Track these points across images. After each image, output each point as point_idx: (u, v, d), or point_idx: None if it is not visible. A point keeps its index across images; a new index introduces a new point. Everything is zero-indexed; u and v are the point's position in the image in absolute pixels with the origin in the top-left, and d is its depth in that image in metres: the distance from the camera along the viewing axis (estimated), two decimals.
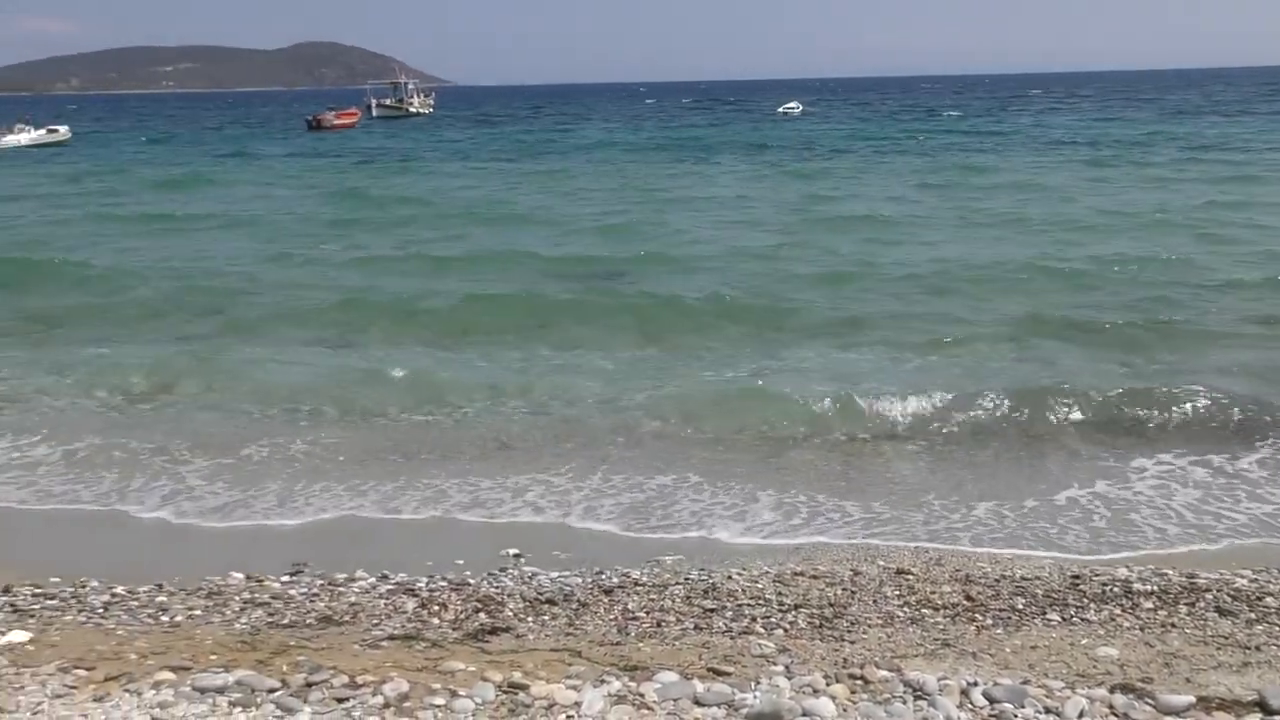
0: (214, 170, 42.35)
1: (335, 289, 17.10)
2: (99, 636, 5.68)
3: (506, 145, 55.66)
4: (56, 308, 16.13)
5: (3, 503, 8.52)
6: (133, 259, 20.49)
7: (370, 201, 29.91)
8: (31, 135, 63.78)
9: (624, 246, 20.84)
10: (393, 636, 5.71)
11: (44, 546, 7.63)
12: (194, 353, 12.90)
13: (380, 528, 8.05)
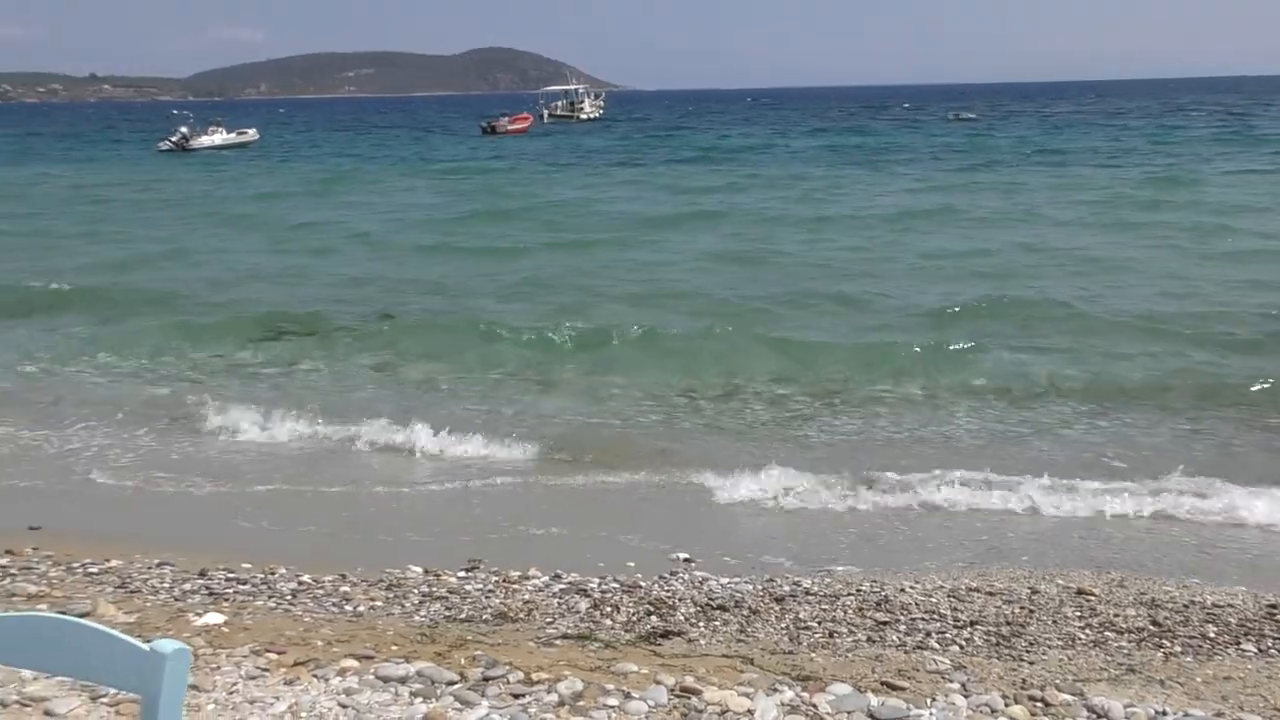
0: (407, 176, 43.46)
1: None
2: (288, 622, 5.90)
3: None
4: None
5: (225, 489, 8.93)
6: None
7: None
8: (224, 137, 66.73)
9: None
10: (566, 635, 5.79)
11: (237, 531, 7.96)
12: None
13: (553, 526, 8.18)
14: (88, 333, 15.10)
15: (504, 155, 55.44)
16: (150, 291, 18.25)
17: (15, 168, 51.85)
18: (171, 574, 6.76)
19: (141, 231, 27.07)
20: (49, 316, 16.24)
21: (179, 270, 20.81)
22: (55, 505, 8.47)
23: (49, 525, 7.88)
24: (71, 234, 26.54)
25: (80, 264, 21.55)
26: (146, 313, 16.35)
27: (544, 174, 43.19)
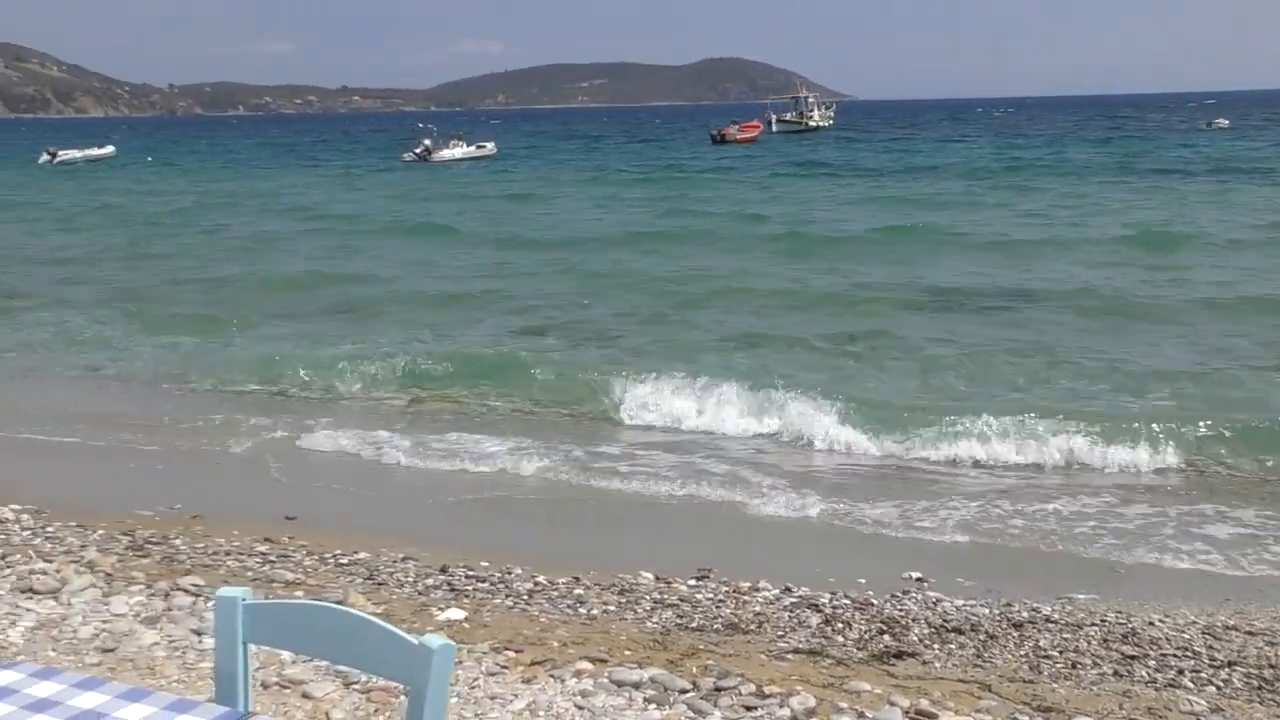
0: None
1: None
2: (525, 621, 6.05)
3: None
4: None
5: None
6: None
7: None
8: (464, 150, 69.15)
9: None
10: (798, 650, 5.75)
11: (476, 530, 8.22)
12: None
13: (784, 537, 8.14)
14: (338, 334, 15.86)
15: (732, 164, 55.68)
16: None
17: (276, 176, 55.04)
18: (415, 569, 7.03)
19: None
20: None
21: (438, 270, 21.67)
22: (306, 497, 8.91)
23: (303, 516, 8.32)
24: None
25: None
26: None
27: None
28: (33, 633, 5.48)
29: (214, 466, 9.79)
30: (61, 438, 10.55)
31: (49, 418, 11.23)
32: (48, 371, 13.80)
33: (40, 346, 15.24)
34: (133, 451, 10.13)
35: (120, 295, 19.32)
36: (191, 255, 25.14)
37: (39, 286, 20.48)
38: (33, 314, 17.57)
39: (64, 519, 7.82)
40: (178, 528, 7.85)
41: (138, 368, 13.88)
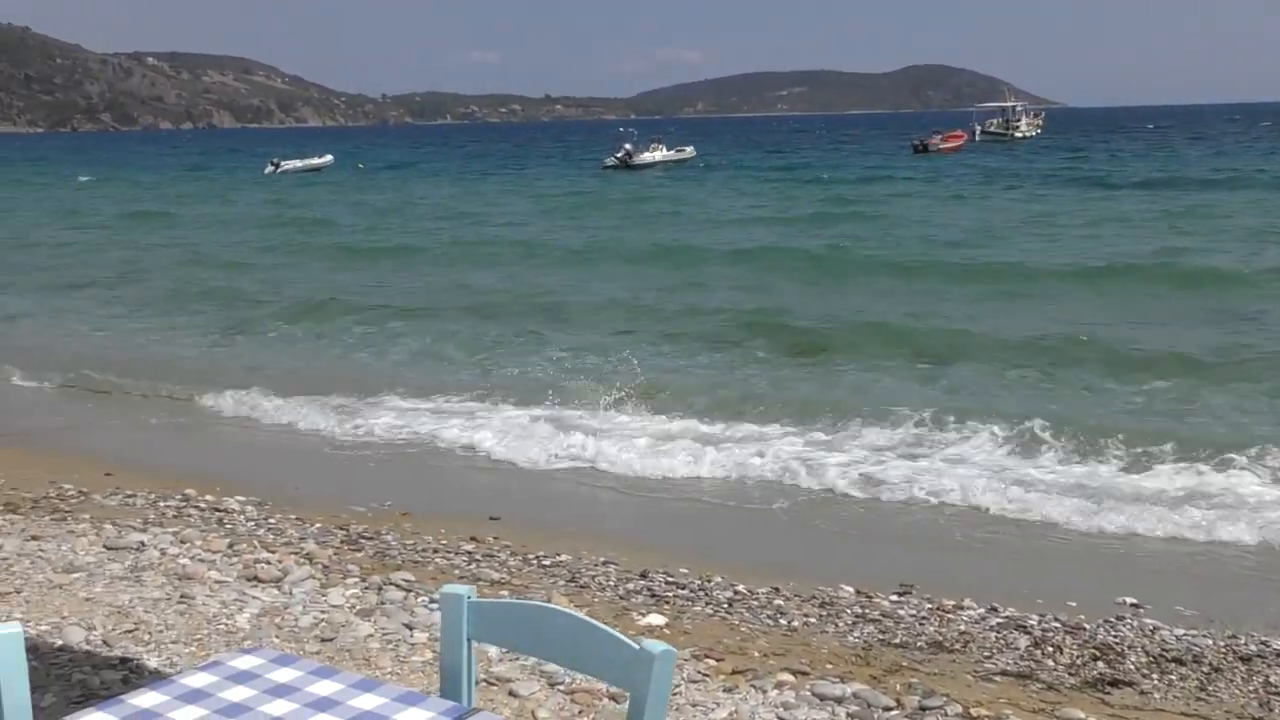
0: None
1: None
2: (725, 630, 6.05)
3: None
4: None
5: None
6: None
7: None
8: (664, 154, 69.88)
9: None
10: (1005, 672, 5.59)
11: (673, 534, 8.26)
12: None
13: (988, 554, 7.92)
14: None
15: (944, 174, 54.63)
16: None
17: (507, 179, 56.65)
18: (616, 572, 7.11)
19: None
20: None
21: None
22: (509, 498, 9.10)
23: (506, 517, 8.51)
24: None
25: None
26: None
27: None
28: (258, 619, 5.75)
29: (422, 466, 10.09)
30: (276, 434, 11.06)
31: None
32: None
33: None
34: (345, 447, 10.55)
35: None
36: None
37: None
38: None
39: (284, 512, 8.18)
40: (388, 524, 8.13)
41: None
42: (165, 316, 18.61)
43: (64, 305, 20.19)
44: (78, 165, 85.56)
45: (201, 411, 12.14)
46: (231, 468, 9.76)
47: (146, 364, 14.44)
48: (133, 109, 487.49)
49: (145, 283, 22.75)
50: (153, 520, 7.71)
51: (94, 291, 21.73)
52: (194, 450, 10.61)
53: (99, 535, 7.18)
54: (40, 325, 18.27)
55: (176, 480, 9.04)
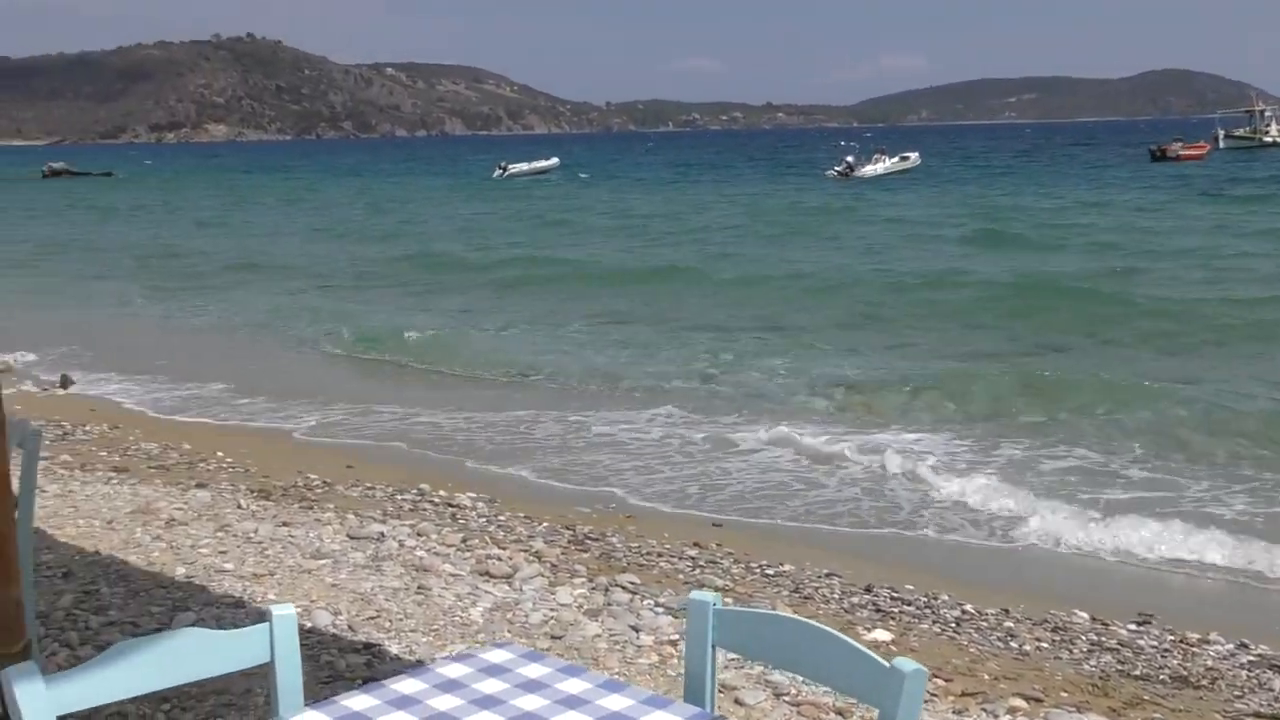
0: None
1: None
2: (953, 650, 5.91)
3: None
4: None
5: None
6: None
7: None
8: (886, 165, 68.88)
9: None
10: (1259, 714, 5.28)
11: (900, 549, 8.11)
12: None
13: (1234, 587, 7.50)
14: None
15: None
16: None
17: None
18: (840, 585, 7.03)
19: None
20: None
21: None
22: (733, 504, 9.10)
23: (728, 523, 8.53)
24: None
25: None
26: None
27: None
28: (491, 613, 5.92)
29: (653, 464, 10.17)
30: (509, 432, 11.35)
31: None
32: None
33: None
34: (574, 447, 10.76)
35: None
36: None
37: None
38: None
39: (514, 509, 8.41)
40: (613, 525, 8.25)
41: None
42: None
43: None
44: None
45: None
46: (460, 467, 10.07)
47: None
48: (371, 117, 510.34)
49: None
50: (391, 513, 8.04)
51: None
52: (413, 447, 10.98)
53: (343, 525, 7.53)
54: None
55: (409, 475, 9.40)
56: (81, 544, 6.85)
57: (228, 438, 10.69)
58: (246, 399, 12.72)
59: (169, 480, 8.72)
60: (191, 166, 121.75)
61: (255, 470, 9.31)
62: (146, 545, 6.87)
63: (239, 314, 20.11)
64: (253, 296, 22.31)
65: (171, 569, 6.43)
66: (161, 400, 12.70)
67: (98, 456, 9.51)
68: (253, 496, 8.26)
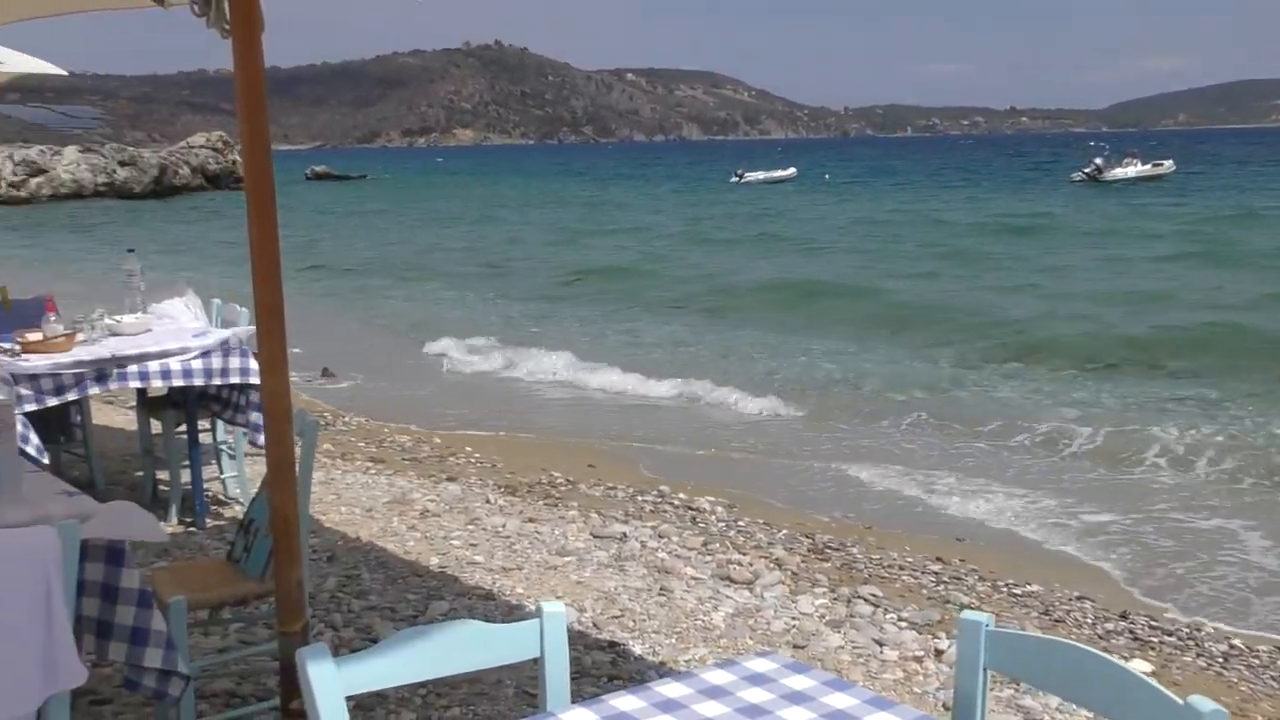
0: None
1: None
2: (1221, 687, 5.58)
3: None
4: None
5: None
6: None
7: None
8: (1139, 168, 65.91)
9: None
10: None
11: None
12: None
13: None
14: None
15: None
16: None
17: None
18: (1092, 610, 6.73)
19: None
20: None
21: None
22: (970, 523, 8.85)
23: (971, 540, 8.29)
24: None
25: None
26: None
27: None
28: (733, 618, 5.93)
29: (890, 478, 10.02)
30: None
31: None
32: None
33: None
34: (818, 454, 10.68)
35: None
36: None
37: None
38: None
39: (752, 515, 8.39)
40: (852, 535, 8.14)
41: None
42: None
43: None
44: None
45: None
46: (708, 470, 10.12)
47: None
48: (611, 122, 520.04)
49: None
50: (633, 513, 8.14)
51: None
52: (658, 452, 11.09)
53: (586, 523, 7.67)
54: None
55: (650, 477, 9.51)
56: (344, 530, 7.20)
57: (474, 434, 11.05)
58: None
59: (422, 473, 9.08)
60: (438, 169, 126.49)
61: (501, 466, 9.59)
62: (402, 534, 7.17)
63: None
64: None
65: (426, 558, 6.69)
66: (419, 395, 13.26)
67: (356, 447, 9.98)
68: (500, 492, 8.51)
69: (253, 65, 3.54)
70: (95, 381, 6.39)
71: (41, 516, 3.43)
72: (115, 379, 6.45)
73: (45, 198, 62.63)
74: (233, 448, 7.49)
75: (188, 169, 71.24)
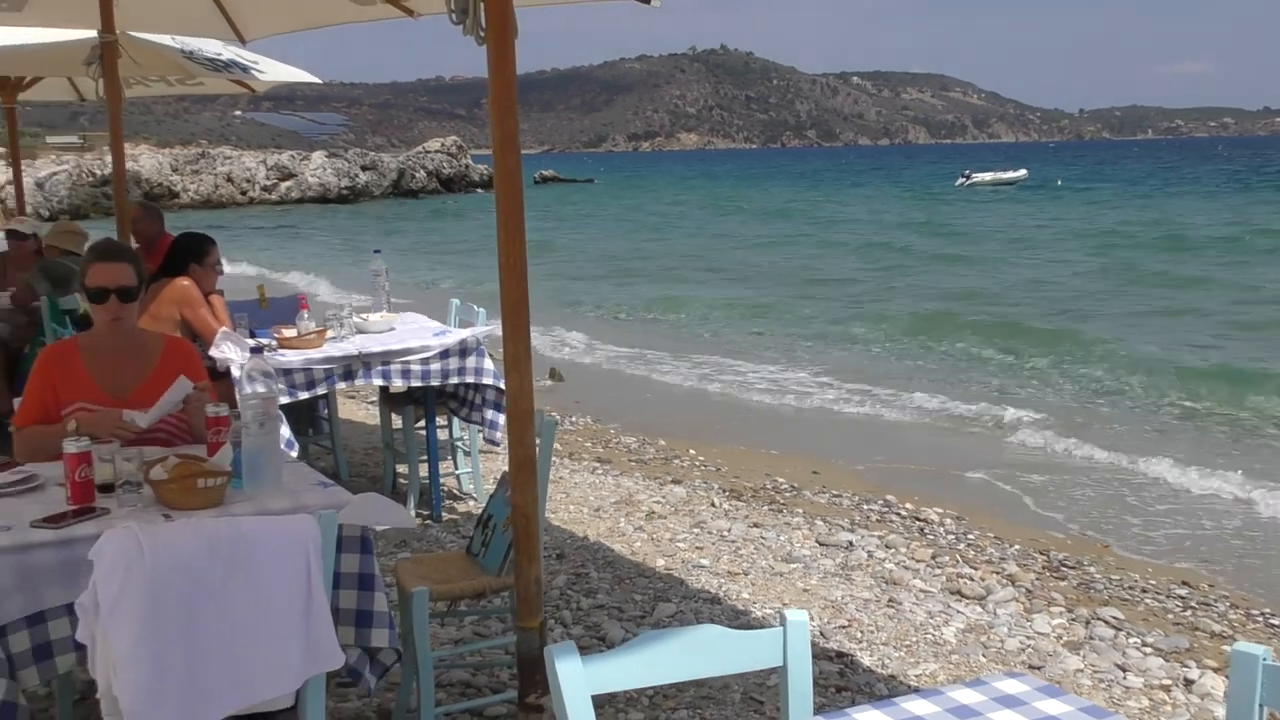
0: None
1: None
2: None
3: None
4: None
5: None
6: None
7: None
8: None
9: None
10: None
11: None
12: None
13: None
14: None
15: None
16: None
17: None
18: None
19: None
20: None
21: None
22: (1224, 547, 8.36)
23: (1221, 566, 7.83)
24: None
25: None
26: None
27: None
28: (964, 634, 5.76)
29: (1125, 492, 9.56)
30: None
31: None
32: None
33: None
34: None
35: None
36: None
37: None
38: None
39: (983, 528, 8.14)
40: (1090, 554, 7.80)
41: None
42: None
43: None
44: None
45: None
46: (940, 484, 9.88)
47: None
48: (835, 126, 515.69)
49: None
50: (858, 522, 8.02)
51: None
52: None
53: (811, 530, 7.60)
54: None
55: (877, 484, 9.35)
56: (572, 528, 7.33)
57: (698, 437, 11.08)
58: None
59: (647, 474, 9.17)
60: (665, 174, 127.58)
61: (726, 470, 9.59)
62: (629, 535, 7.25)
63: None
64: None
65: (652, 560, 6.75)
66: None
67: (583, 447, 10.15)
68: (724, 496, 8.51)
69: (506, 70, 3.64)
70: (342, 377, 6.71)
71: (300, 505, 3.61)
72: (360, 375, 6.76)
73: (293, 200, 66.26)
74: (468, 444, 7.72)
75: (424, 173, 74.13)
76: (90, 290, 4.30)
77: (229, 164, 66.82)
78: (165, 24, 8.58)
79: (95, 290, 4.27)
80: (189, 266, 6.74)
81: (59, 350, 4.47)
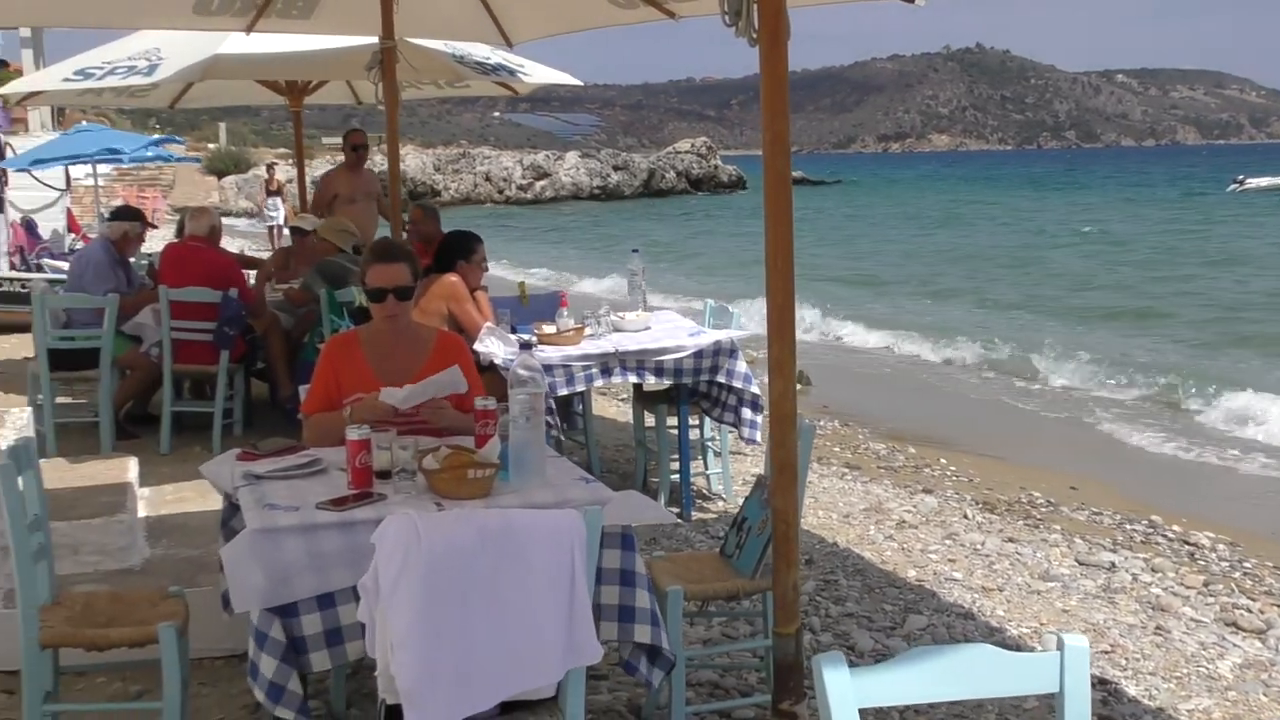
0: None
1: None
2: None
3: None
4: None
5: None
6: None
7: None
8: None
9: None
10: None
11: None
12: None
13: None
14: None
15: None
16: None
17: None
18: None
19: None
20: None
21: None
22: None
23: None
24: None
25: None
26: None
27: None
28: (1242, 670, 5.41)
29: None
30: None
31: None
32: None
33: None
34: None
35: None
36: None
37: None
38: None
39: (1260, 556, 7.63)
40: None
41: None
42: None
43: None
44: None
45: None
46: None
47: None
48: (1096, 126, 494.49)
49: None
50: (1121, 542, 7.65)
51: None
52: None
53: (1070, 548, 7.30)
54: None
55: (1143, 505, 8.89)
56: (821, 534, 7.26)
57: (950, 446, 10.80)
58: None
59: (897, 482, 9.00)
60: (919, 175, 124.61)
61: (979, 481, 9.32)
62: (879, 543, 7.13)
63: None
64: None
65: (903, 570, 6.62)
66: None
67: (832, 452, 10.04)
68: (977, 508, 8.27)
69: (778, 71, 3.62)
70: (599, 374, 6.84)
71: (564, 499, 3.69)
72: (617, 373, 6.87)
73: (547, 199, 68.09)
74: (719, 445, 7.75)
75: (673, 173, 74.88)
76: (369, 290, 4.51)
77: (488, 163, 69.18)
78: (438, 29, 8.94)
79: (374, 290, 4.47)
80: (456, 263, 7.00)
81: (342, 341, 4.72)
